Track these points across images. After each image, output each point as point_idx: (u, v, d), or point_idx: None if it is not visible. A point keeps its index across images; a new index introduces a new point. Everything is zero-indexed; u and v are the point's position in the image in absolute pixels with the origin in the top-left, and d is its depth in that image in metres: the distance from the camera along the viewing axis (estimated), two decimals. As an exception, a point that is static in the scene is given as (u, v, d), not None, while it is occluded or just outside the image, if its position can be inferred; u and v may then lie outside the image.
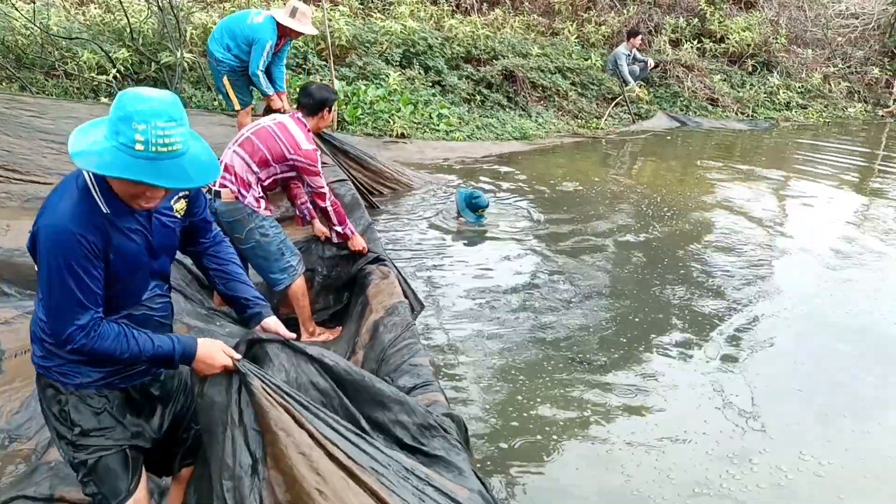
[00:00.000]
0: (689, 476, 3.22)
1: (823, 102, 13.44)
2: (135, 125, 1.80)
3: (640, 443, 3.46)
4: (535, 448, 3.40)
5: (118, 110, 1.82)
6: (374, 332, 3.65)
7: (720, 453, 3.40)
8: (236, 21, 6.06)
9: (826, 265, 5.86)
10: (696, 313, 4.89)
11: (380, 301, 3.90)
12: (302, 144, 3.92)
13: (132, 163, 1.81)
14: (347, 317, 4.28)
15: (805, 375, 4.17)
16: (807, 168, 9.34)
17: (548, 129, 10.22)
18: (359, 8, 12.57)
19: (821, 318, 4.93)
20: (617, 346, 4.41)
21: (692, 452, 3.40)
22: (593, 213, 6.88)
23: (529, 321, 4.66)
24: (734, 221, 6.88)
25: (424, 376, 3.09)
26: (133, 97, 1.83)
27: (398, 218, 6.38)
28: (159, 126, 1.81)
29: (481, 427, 3.54)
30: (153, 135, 1.81)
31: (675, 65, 12.67)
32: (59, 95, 7.76)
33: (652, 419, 3.66)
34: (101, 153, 1.82)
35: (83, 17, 9.47)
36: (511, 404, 3.74)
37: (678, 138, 10.87)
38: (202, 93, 8.56)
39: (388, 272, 4.22)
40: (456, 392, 3.81)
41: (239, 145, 3.94)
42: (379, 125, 8.78)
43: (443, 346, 4.29)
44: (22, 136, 5.62)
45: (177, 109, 1.86)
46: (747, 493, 3.13)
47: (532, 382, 3.95)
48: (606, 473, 3.24)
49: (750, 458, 3.37)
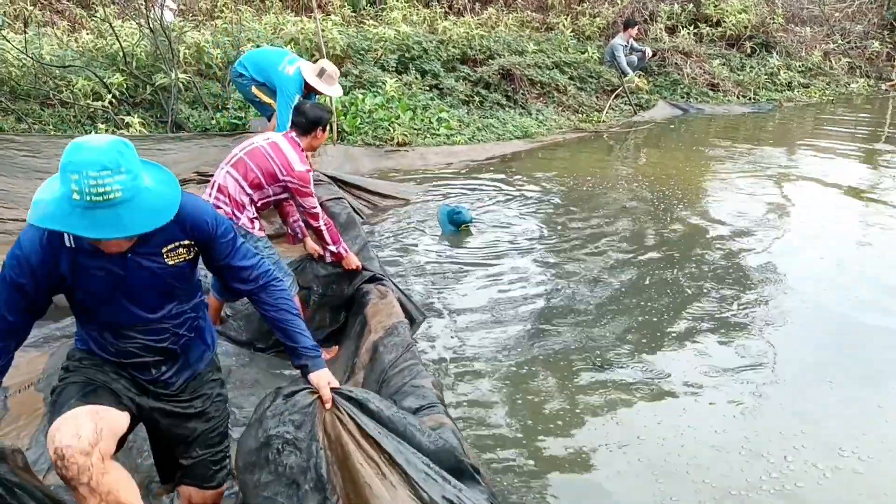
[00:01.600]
0: (727, 480, 3.12)
1: (825, 80, 13.31)
2: (70, 175, 1.83)
3: (670, 445, 3.35)
4: (558, 461, 3.30)
5: (62, 160, 1.85)
6: (373, 352, 3.58)
7: (753, 452, 3.29)
8: (269, 61, 6.18)
9: (843, 246, 5.76)
10: (714, 304, 4.78)
11: (379, 321, 3.84)
12: (295, 166, 3.87)
13: (69, 213, 1.84)
14: (345, 336, 4.22)
15: (835, 365, 4.06)
16: (812, 147, 9.24)
17: (549, 125, 10.11)
18: (351, 16, 12.51)
19: (842, 304, 4.82)
20: (634, 343, 4.31)
21: (726, 454, 3.29)
22: (599, 208, 6.79)
23: (539, 325, 4.56)
24: (744, 206, 6.78)
25: (429, 398, 3.01)
26: (71, 147, 1.86)
27: (394, 232, 6.26)
28: (91, 176, 1.81)
29: (496, 443, 3.43)
30: (86, 184, 1.82)
31: (673, 52, 12.56)
32: (55, 125, 7.70)
33: (679, 420, 3.55)
34: (48, 203, 1.87)
35: (75, 45, 9.42)
36: (526, 415, 3.63)
37: (681, 126, 10.76)
38: (199, 112, 8.49)
39: (387, 291, 4.16)
40: (468, 407, 3.71)
41: (232, 166, 3.87)
42: (379, 134, 8.70)
43: (450, 357, 4.19)
44: (19, 176, 5.69)
45: (113, 157, 1.85)
46: (786, 494, 3.03)
47: (547, 390, 3.84)
48: (637, 479, 3.14)
49: (785, 455, 3.27)
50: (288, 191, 3.93)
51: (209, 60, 9.12)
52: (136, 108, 8.33)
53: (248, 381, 3.82)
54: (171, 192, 2.02)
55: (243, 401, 3.57)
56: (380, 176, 7.70)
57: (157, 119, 8.30)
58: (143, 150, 6.94)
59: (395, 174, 7.89)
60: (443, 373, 4.02)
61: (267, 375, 3.92)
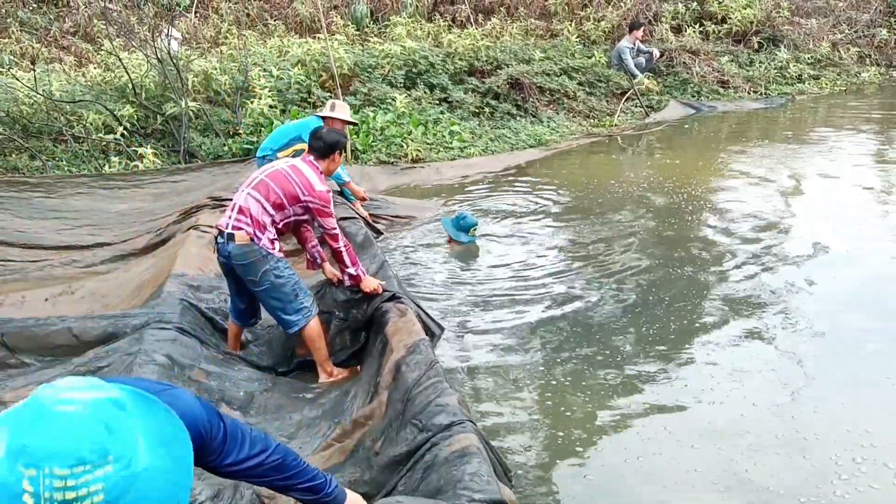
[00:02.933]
0: (767, 481, 3.00)
1: (835, 70, 13.18)
2: (20, 468, 1.13)
3: (704, 444, 3.25)
4: (591, 466, 3.19)
5: (10, 429, 1.17)
6: (396, 371, 3.52)
7: (794, 451, 3.18)
8: (287, 129, 6.33)
9: (860, 237, 5.65)
10: (735, 300, 4.70)
11: (399, 339, 3.77)
12: (315, 186, 3.93)
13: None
14: (367, 356, 4.17)
15: (862, 356, 3.96)
16: (828, 139, 9.12)
17: (562, 132, 10.03)
18: (355, 35, 12.51)
19: (864, 295, 4.71)
20: (659, 342, 4.22)
21: (764, 453, 3.18)
22: (616, 212, 6.69)
23: (562, 332, 4.46)
24: (761, 202, 6.67)
25: (458, 415, 2.95)
26: (28, 413, 1.18)
27: (411, 247, 6.18)
28: (57, 476, 1.13)
29: (525, 453, 3.33)
30: (46, 487, 1.13)
31: (681, 52, 12.48)
32: (69, 160, 7.70)
33: (712, 418, 3.44)
34: None
35: (84, 79, 9.45)
36: (554, 421, 3.53)
37: (694, 125, 10.66)
38: (210, 139, 8.47)
39: (406, 309, 4.10)
40: (497, 418, 3.62)
41: (253, 188, 3.91)
42: (392, 151, 8.64)
43: (474, 369, 4.10)
44: (35, 216, 5.77)
45: (97, 438, 1.18)
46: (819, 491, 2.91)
47: (574, 395, 3.74)
48: (673, 480, 3.03)
49: (803, 454, 3.15)
50: (309, 212, 3.98)
51: (218, 87, 9.12)
52: (148, 139, 8.32)
53: (272, 407, 3.78)
54: (179, 467, 1.34)
55: (268, 426, 3.53)
56: (399, 193, 7.64)
57: (169, 148, 8.29)
58: (154, 182, 7.04)
59: (411, 190, 7.82)
60: (469, 384, 3.93)
61: (290, 399, 3.87)
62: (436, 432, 2.88)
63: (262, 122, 8.39)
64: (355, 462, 3.18)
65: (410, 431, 2.99)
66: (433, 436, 2.87)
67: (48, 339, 3.84)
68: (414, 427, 3.00)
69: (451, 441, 2.78)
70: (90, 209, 6.19)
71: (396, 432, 3.11)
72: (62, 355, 3.82)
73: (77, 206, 6.21)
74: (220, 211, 5.67)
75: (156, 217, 6.08)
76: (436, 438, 2.86)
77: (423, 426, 2.95)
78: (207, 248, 5.08)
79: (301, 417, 3.69)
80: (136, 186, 6.88)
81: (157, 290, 4.37)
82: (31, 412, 1.18)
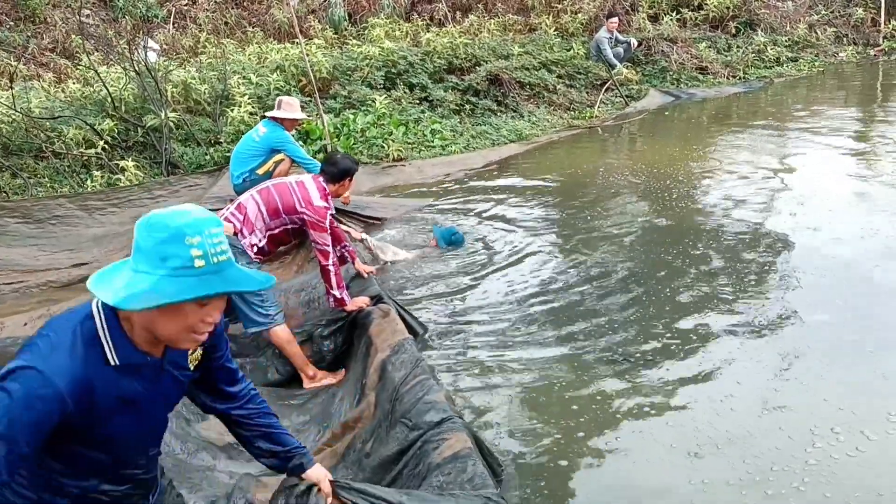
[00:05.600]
0: (767, 458, 3.05)
1: (813, 52, 13.26)
2: (188, 240, 1.56)
3: (717, 435, 3.27)
4: (588, 452, 3.23)
5: (156, 234, 1.56)
6: (382, 371, 3.54)
7: (795, 428, 3.22)
8: (241, 151, 6.24)
9: (849, 220, 5.69)
10: (731, 288, 4.71)
11: (384, 339, 3.80)
12: (314, 200, 4.09)
13: (197, 282, 1.57)
14: (351, 358, 4.18)
15: (870, 341, 3.99)
16: (807, 119, 9.18)
17: (543, 126, 10.07)
18: (333, 38, 12.52)
19: (860, 277, 4.75)
20: (656, 336, 4.23)
21: (761, 433, 3.22)
22: (602, 202, 6.73)
23: (555, 327, 4.47)
24: (746, 186, 6.72)
25: (448, 411, 2.98)
26: (169, 215, 1.59)
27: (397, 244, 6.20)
28: (213, 234, 1.60)
29: (518, 452, 3.34)
30: (209, 244, 1.59)
31: (658, 40, 12.54)
32: (51, 176, 7.70)
33: (717, 409, 3.47)
34: (153, 289, 1.54)
35: (63, 95, 9.43)
36: (549, 420, 3.54)
37: (675, 112, 10.72)
38: (192, 149, 8.47)
39: (389, 310, 4.13)
40: (492, 414, 3.63)
41: (258, 192, 4.13)
42: (374, 152, 8.66)
43: (466, 369, 4.10)
44: (13, 244, 5.78)
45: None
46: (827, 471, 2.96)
47: (571, 392, 3.76)
48: (675, 464, 3.07)
49: (832, 429, 3.20)
50: (304, 224, 4.10)
51: (197, 97, 9.12)
52: (130, 152, 8.31)
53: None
54: None
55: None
56: (381, 193, 7.66)
57: (150, 160, 8.29)
58: (132, 199, 6.98)
59: (393, 189, 7.85)
60: (457, 382, 3.94)
61: (277, 407, 3.80)
62: (426, 430, 2.90)
63: (243, 129, 8.38)
64: (347, 465, 3.21)
65: (401, 430, 3.02)
66: (424, 433, 2.90)
67: None
68: (404, 426, 3.02)
69: (443, 443, 2.80)
70: (68, 235, 6.20)
71: (386, 432, 3.14)
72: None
73: (54, 231, 6.22)
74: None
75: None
76: (427, 436, 2.88)
77: (413, 424, 2.98)
78: None
79: (289, 424, 3.68)
80: (115, 206, 6.85)
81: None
82: (164, 219, 1.59)
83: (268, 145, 6.14)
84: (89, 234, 6.26)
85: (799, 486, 2.91)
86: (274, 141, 6.13)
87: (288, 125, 6.26)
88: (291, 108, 6.24)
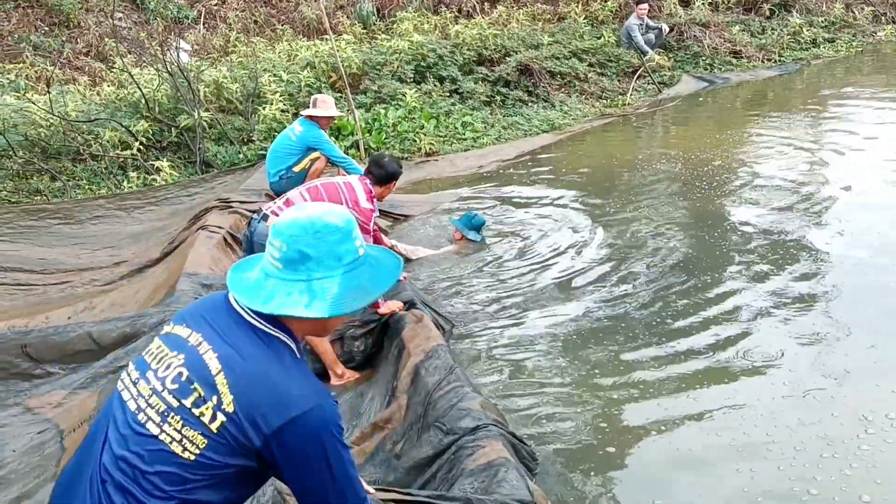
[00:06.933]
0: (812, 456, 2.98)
1: (850, 32, 12.98)
2: (354, 234, 1.68)
3: (765, 423, 3.22)
4: (632, 448, 3.18)
5: (329, 237, 1.63)
6: (414, 375, 3.52)
7: (834, 429, 3.15)
8: (277, 148, 6.29)
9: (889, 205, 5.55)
10: (776, 276, 4.63)
11: (417, 344, 3.77)
12: (361, 202, 4.22)
13: (371, 269, 1.69)
14: (381, 360, 4.15)
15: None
16: (845, 102, 8.98)
17: (575, 115, 9.97)
18: (362, 33, 12.52)
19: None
20: (699, 326, 4.16)
21: (806, 435, 3.15)
22: (637, 191, 6.65)
23: (593, 319, 4.41)
24: (783, 172, 6.60)
25: (483, 419, 2.96)
26: (323, 218, 1.64)
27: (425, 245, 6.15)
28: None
29: (554, 446, 3.31)
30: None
31: (690, 25, 12.35)
32: (88, 178, 7.80)
33: (766, 396, 3.41)
34: (358, 287, 1.65)
35: (98, 98, 9.54)
36: (585, 412, 3.50)
37: (708, 98, 10.56)
38: (225, 148, 8.53)
39: (422, 315, 4.09)
40: (526, 406, 3.60)
41: (307, 189, 4.27)
42: (406, 146, 8.65)
43: (497, 360, 4.07)
44: (54, 244, 5.84)
45: None
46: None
47: (608, 383, 3.71)
48: (723, 461, 3.02)
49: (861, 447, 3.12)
50: None
51: (229, 95, 9.18)
52: (164, 152, 8.40)
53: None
54: None
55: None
56: (412, 188, 7.64)
57: (185, 160, 8.36)
58: (169, 197, 7.07)
59: (426, 184, 7.82)
60: (493, 373, 3.92)
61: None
62: (462, 435, 2.89)
63: (275, 126, 8.43)
64: (375, 464, 3.21)
65: (435, 434, 3.01)
66: (459, 438, 2.89)
67: (69, 346, 3.89)
68: (438, 430, 3.01)
69: (477, 450, 2.78)
70: (107, 233, 6.28)
71: (418, 435, 3.13)
72: (83, 361, 3.85)
73: (94, 230, 6.30)
74: (229, 212, 5.71)
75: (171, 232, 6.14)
76: (462, 441, 2.87)
77: (448, 429, 2.97)
78: (217, 247, 5.13)
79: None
80: (152, 204, 6.95)
81: (171, 290, 4.41)
82: (323, 220, 1.65)
83: (304, 144, 6.22)
84: (127, 232, 6.33)
85: (846, 471, 2.85)
86: (310, 139, 6.21)
87: (324, 123, 6.36)
88: (327, 105, 6.33)
